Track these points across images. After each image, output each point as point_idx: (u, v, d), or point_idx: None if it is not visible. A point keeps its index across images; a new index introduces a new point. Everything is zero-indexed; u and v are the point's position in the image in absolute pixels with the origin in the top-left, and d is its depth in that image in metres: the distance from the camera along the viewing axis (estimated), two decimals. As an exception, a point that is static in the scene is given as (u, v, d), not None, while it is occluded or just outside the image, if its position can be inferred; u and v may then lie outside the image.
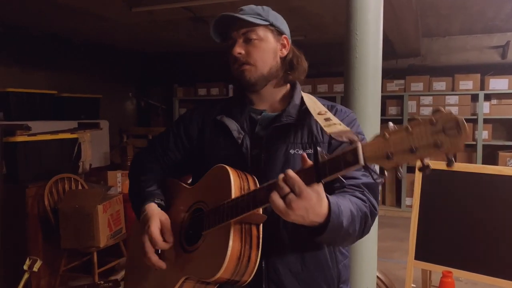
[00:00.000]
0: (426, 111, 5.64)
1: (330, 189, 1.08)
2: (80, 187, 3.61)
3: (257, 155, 1.19)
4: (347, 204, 1.03)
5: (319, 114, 1.14)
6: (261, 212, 1.05)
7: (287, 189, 0.90)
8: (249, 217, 1.03)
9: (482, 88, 5.42)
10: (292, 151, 1.16)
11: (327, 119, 1.09)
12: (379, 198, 1.21)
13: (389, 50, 4.86)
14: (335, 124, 1.06)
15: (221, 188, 1.09)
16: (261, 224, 1.07)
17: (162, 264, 1.16)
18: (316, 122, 1.16)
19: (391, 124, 0.80)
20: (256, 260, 1.05)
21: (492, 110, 5.44)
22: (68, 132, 3.89)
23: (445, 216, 2.37)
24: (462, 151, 0.75)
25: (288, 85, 1.29)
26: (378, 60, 1.90)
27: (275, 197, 0.91)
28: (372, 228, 1.15)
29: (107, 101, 6.17)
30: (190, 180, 1.37)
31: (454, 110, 5.49)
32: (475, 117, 5.42)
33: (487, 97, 5.44)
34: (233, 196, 1.05)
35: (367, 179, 1.13)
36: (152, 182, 1.29)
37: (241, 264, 1.03)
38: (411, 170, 5.74)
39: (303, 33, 5.28)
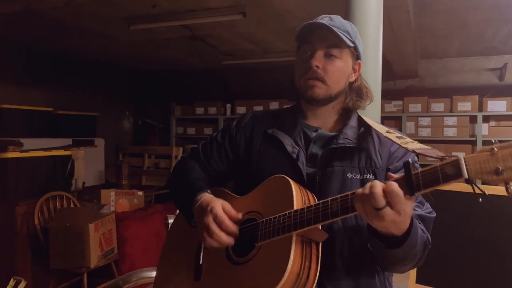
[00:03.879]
0: (425, 132, 5.61)
1: None
2: (72, 205, 3.53)
3: (312, 173, 1.13)
4: (417, 225, 1.00)
5: (388, 132, 1.10)
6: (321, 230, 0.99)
7: (383, 203, 0.85)
8: (311, 233, 0.97)
9: (480, 110, 5.40)
10: (349, 175, 1.11)
11: (400, 137, 1.05)
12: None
13: (388, 71, 4.85)
14: (412, 142, 1.01)
15: (281, 198, 1.03)
16: (321, 244, 1.00)
17: (231, 241, 1.05)
18: (374, 145, 1.15)
19: (494, 140, 0.80)
20: (314, 280, 0.97)
21: (491, 132, 5.40)
22: (61, 149, 3.83)
23: (447, 237, 2.29)
24: None
25: (344, 108, 1.24)
26: (377, 77, 1.87)
27: (367, 206, 0.86)
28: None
29: (104, 119, 6.13)
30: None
31: (453, 131, 5.47)
32: (474, 138, 5.38)
33: (486, 119, 5.41)
34: (295, 207, 0.99)
35: (423, 212, 1.09)
36: (202, 180, 1.23)
37: (299, 281, 0.95)
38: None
39: (301, 53, 5.28)
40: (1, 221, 3.06)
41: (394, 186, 0.85)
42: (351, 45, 1.15)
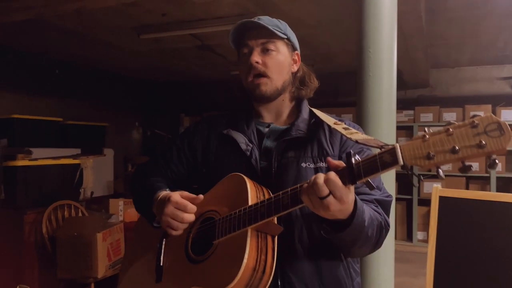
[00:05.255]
0: (437, 142, 5.52)
1: None
2: (80, 214, 3.49)
3: (266, 167, 1.18)
4: (366, 207, 1.05)
5: (335, 124, 1.14)
6: (276, 223, 1.03)
7: (326, 191, 0.89)
8: (266, 227, 1.01)
9: (493, 119, 5.30)
10: (303, 165, 1.16)
11: (346, 128, 1.10)
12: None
13: (398, 80, 4.80)
14: (356, 132, 1.07)
15: (236, 195, 1.07)
16: (276, 237, 1.04)
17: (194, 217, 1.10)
18: (325, 135, 1.20)
19: (426, 128, 0.83)
20: (271, 274, 1.01)
21: (505, 142, 5.30)
22: (70, 157, 3.81)
23: (465, 249, 2.20)
24: (505, 153, 0.84)
25: (294, 102, 1.30)
26: (392, 85, 1.82)
27: (313, 198, 0.91)
28: (388, 263, 1.19)
29: (113, 130, 6.12)
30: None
31: (466, 141, 5.37)
32: (487, 148, 5.28)
33: (499, 128, 5.31)
34: (250, 203, 1.03)
35: (380, 196, 1.15)
36: (160, 181, 1.27)
37: (255, 275, 0.98)
38: (422, 202, 5.58)
39: (311, 62, 5.23)
40: (9, 230, 3.04)
41: (331, 174, 0.90)
42: (284, 36, 1.21)
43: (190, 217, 1.09)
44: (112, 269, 3.14)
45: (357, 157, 0.90)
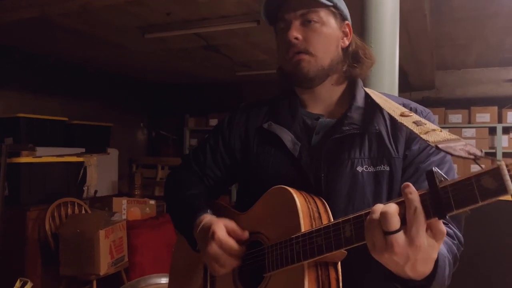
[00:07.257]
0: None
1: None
2: (83, 212, 3.50)
3: (316, 172, 0.96)
4: (444, 251, 0.80)
5: (402, 115, 0.89)
6: None
7: (396, 225, 0.65)
8: (325, 256, 0.82)
9: (500, 121, 5.27)
10: (359, 169, 0.93)
11: (418, 123, 0.84)
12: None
13: (403, 82, 4.78)
14: (434, 130, 0.79)
15: (285, 217, 0.88)
16: (339, 263, 0.84)
17: (239, 262, 0.93)
18: (386, 128, 0.96)
19: None
20: None
21: (511, 144, 5.26)
22: (74, 155, 3.83)
23: (478, 252, 2.14)
24: None
25: (346, 82, 1.06)
26: (394, 87, 1.80)
27: (376, 232, 0.67)
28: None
29: (118, 130, 6.15)
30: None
31: (472, 143, 5.33)
32: (493, 150, 5.24)
33: (506, 130, 5.27)
34: (302, 228, 0.84)
35: None
36: (201, 197, 1.08)
37: None
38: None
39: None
40: (12, 226, 3.05)
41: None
42: (329, 3, 0.98)
43: (233, 263, 0.92)
44: (114, 267, 3.14)
45: (437, 171, 0.63)
